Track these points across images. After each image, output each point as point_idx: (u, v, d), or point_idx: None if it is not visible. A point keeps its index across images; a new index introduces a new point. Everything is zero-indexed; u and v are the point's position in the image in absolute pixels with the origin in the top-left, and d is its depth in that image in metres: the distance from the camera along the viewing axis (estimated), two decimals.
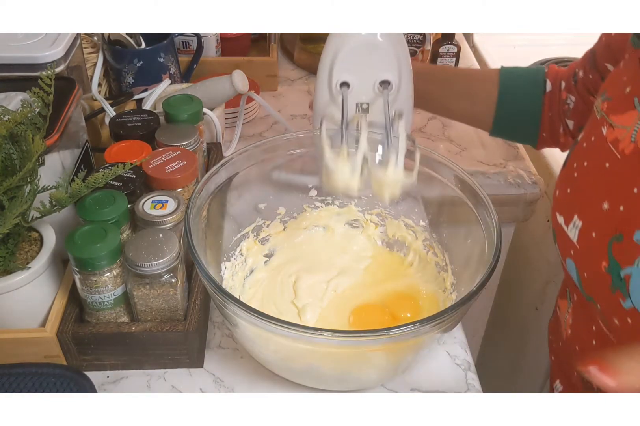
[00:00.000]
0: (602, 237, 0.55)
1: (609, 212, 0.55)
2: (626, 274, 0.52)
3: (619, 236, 0.53)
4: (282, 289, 0.74)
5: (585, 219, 0.58)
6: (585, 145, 0.61)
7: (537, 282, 1.17)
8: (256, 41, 1.27)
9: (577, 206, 0.60)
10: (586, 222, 0.58)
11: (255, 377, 0.69)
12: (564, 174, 0.64)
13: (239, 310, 0.55)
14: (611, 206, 0.54)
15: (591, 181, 0.59)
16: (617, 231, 0.53)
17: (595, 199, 0.56)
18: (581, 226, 0.58)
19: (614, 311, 0.54)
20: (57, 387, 0.61)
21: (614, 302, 0.53)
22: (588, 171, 0.60)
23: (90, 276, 0.63)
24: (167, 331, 0.65)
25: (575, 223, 0.59)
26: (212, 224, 0.70)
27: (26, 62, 0.73)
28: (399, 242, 0.78)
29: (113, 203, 0.66)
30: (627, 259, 0.52)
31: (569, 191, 0.62)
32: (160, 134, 0.78)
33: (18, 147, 0.63)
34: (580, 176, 0.61)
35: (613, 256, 0.53)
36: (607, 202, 0.55)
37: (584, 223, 0.58)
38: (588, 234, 0.57)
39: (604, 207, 0.55)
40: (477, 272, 0.62)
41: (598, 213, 0.56)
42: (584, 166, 0.60)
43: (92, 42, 1.02)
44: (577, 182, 0.61)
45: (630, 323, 0.53)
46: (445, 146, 1.08)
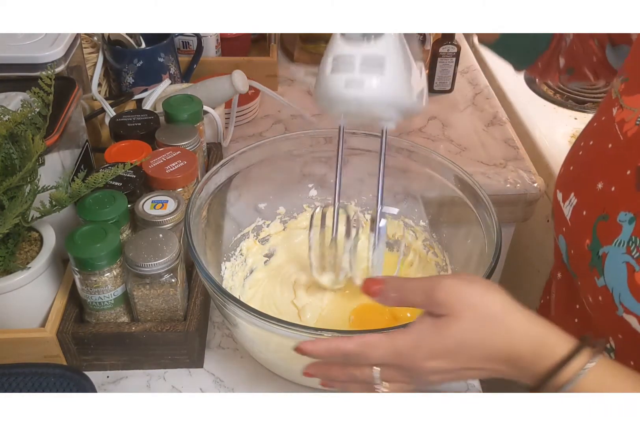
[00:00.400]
0: (591, 215, 0.56)
1: (601, 192, 0.55)
2: (604, 252, 0.53)
3: (605, 215, 0.54)
4: (282, 289, 0.74)
5: (580, 197, 0.59)
6: (595, 124, 0.61)
7: (537, 282, 1.17)
8: (256, 41, 1.27)
9: (576, 184, 0.60)
10: (580, 200, 0.58)
11: (255, 377, 0.69)
12: (571, 152, 0.65)
13: (239, 310, 0.55)
14: (604, 186, 0.55)
15: (592, 160, 0.59)
16: (604, 211, 0.54)
17: (592, 178, 0.57)
18: (575, 203, 0.59)
19: (589, 288, 0.56)
20: (57, 387, 0.61)
21: (591, 279, 0.54)
22: (591, 150, 0.60)
23: (90, 276, 0.63)
24: (167, 331, 0.65)
25: (571, 200, 0.59)
26: (212, 224, 0.70)
27: (26, 62, 0.73)
28: (399, 242, 0.78)
29: (113, 203, 0.65)
30: (607, 238, 0.53)
31: (571, 169, 0.62)
32: (160, 134, 0.78)
33: (18, 147, 0.63)
34: (584, 154, 0.61)
35: (596, 234, 0.54)
36: (602, 182, 0.55)
37: (578, 201, 0.58)
38: (580, 212, 0.58)
39: (598, 187, 0.55)
40: (477, 272, 0.62)
41: (592, 191, 0.56)
42: (590, 145, 0.61)
43: (92, 42, 1.02)
44: (580, 160, 0.61)
45: (601, 301, 0.54)
46: (445, 146, 1.08)
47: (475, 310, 0.48)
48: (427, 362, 0.49)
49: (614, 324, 0.53)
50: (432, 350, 0.49)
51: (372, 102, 0.55)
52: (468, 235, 0.69)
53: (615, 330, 0.55)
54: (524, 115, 1.21)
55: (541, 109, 1.24)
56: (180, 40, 1.14)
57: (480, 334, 0.48)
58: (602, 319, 0.56)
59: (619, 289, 0.51)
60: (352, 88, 0.54)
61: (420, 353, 0.49)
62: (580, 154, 0.62)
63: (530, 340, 0.48)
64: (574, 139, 1.14)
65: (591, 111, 1.22)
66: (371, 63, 0.54)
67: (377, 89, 0.54)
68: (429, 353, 0.49)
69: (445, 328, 0.48)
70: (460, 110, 1.17)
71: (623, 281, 0.51)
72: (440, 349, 0.49)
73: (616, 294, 0.52)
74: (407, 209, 0.78)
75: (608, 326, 0.56)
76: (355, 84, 0.54)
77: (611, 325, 0.54)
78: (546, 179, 1.06)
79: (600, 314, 0.56)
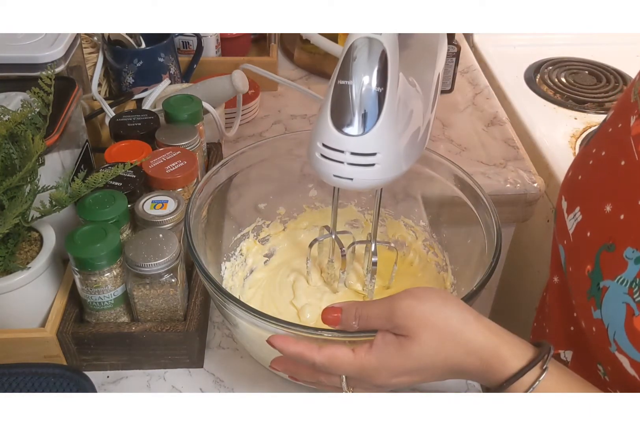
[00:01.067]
0: (595, 240, 0.53)
1: (609, 216, 0.52)
2: (604, 286, 0.50)
3: (610, 245, 0.50)
4: (282, 289, 0.74)
5: (585, 215, 0.55)
6: (610, 130, 0.56)
7: (537, 282, 1.17)
8: (256, 41, 1.27)
9: (582, 198, 0.57)
10: (585, 218, 0.55)
11: (255, 377, 0.69)
12: (581, 156, 0.60)
13: (239, 310, 0.55)
14: (613, 211, 0.51)
15: (602, 175, 0.55)
16: (610, 240, 0.50)
17: (600, 198, 0.53)
18: (580, 220, 0.56)
19: (584, 314, 0.53)
20: (57, 387, 0.61)
21: (587, 308, 0.52)
22: (602, 163, 0.56)
23: (90, 276, 0.63)
24: (167, 331, 0.65)
25: (576, 214, 0.56)
26: (212, 224, 0.70)
27: (26, 62, 0.73)
28: (399, 242, 0.78)
29: (113, 203, 0.65)
30: (610, 272, 0.50)
31: (579, 178, 0.59)
32: (160, 134, 0.78)
33: (18, 147, 0.63)
34: (595, 165, 0.57)
35: (599, 263, 0.51)
36: (610, 205, 0.52)
37: (583, 218, 0.55)
38: (583, 232, 0.55)
39: (606, 210, 0.52)
40: (477, 272, 0.62)
41: (599, 213, 0.53)
42: (601, 155, 0.56)
43: (92, 42, 1.02)
44: (589, 171, 0.57)
45: (594, 332, 0.52)
46: (445, 146, 1.08)
47: (433, 328, 0.49)
48: (390, 379, 0.51)
49: (605, 356, 0.52)
50: (395, 370, 0.50)
51: (363, 188, 0.54)
52: (468, 235, 0.69)
53: (606, 361, 0.53)
54: (524, 115, 1.21)
55: (541, 109, 1.24)
56: (180, 40, 1.14)
57: (441, 353, 0.49)
58: (594, 346, 0.54)
59: (614, 328, 0.49)
60: (342, 179, 0.53)
61: (384, 372, 0.50)
62: (590, 164, 0.57)
63: (483, 352, 0.49)
64: (574, 139, 1.15)
65: (591, 111, 1.22)
66: (361, 159, 0.51)
67: (367, 181, 0.53)
68: (392, 372, 0.50)
69: (406, 349, 0.49)
70: (460, 110, 1.17)
71: (620, 322, 0.49)
72: (403, 370, 0.50)
73: (611, 331, 0.50)
74: (407, 209, 0.78)
75: (600, 355, 0.54)
76: (344, 176, 0.52)
77: (603, 356, 0.53)
78: (546, 179, 1.06)
79: (593, 343, 0.54)
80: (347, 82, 0.50)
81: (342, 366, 0.51)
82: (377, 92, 0.50)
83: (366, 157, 0.51)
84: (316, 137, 0.52)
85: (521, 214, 1.05)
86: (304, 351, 0.51)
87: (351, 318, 0.52)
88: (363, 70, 0.50)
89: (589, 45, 1.40)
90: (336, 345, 0.52)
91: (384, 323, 0.50)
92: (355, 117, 0.50)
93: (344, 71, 0.50)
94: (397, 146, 0.53)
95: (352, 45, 0.50)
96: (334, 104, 0.50)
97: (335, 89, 0.50)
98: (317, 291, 0.73)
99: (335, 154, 0.51)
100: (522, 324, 1.29)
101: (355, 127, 0.50)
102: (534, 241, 1.20)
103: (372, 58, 0.50)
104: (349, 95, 0.50)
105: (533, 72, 1.33)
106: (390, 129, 0.51)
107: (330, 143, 0.51)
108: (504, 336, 0.50)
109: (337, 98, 0.50)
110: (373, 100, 0.50)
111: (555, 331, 0.55)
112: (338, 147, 0.51)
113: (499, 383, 0.49)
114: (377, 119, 0.50)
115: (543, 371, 0.48)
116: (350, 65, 0.50)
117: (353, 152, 0.51)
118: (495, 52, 1.40)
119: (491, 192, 0.96)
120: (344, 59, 0.50)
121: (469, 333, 0.49)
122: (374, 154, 0.51)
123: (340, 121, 0.50)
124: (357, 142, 0.50)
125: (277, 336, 0.53)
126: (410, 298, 0.51)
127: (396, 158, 0.53)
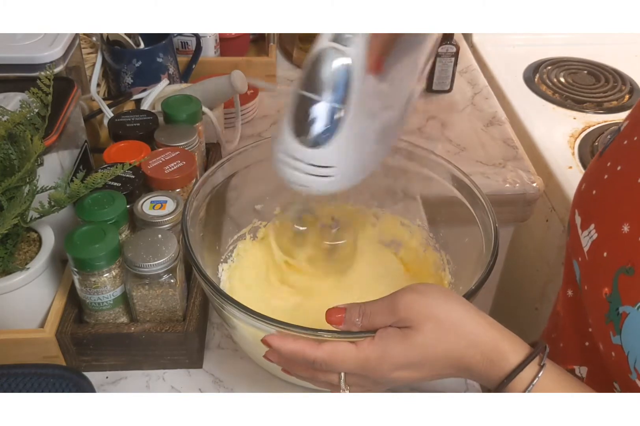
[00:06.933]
0: (613, 261, 0.50)
1: (627, 236, 0.49)
2: (624, 311, 0.48)
3: (629, 268, 0.48)
4: (281, 290, 0.74)
5: (601, 234, 0.53)
6: (625, 142, 0.54)
7: (536, 282, 1.17)
8: (255, 41, 1.27)
9: (597, 216, 0.54)
10: (601, 237, 0.53)
11: (255, 377, 0.69)
12: (595, 169, 0.57)
13: (237, 312, 0.55)
14: (631, 231, 0.49)
15: (619, 192, 0.52)
16: (629, 263, 0.48)
17: (617, 216, 0.51)
18: (595, 238, 0.53)
19: (602, 338, 0.51)
20: (56, 388, 0.61)
21: (605, 331, 0.50)
22: (618, 179, 0.53)
23: (89, 277, 0.63)
24: (166, 331, 0.65)
25: (591, 232, 0.54)
26: (210, 225, 0.70)
27: (25, 62, 0.73)
28: (397, 241, 0.78)
29: (112, 204, 0.65)
30: (630, 298, 0.47)
31: (594, 193, 0.56)
32: (159, 134, 0.78)
33: (17, 148, 0.63)
34: (610, 180, 0.54)
35: (618, 288, 0.49)
36: (628, 225, 0.49)
37: (599, 237, 0.53)
38: (600, 251, 0.52)
39: (624, 230, 0.49)
40: (475, 271, 0.62)
41: (616, 233, 0.50)
42: (617, 170, 0.53)
43: (91, 43, 1.02)
44: (605, 187, 0.55)
45: (613, 357, 0.50)
46: (444, 146, 1.08)
47: (435, 320, 0.49)
48: (392, 373, 0.51)
49: (624, 381, 0.50)
50: (397, 362, 0.50)
51: (320, 194, 0.54)
52: (466, 235, 0.69)
53: (625, 386, 0.51)
54: (523, 115, 1.21)
55: (540, 108, 1.24)
56: (179, 40, 1.14)
57: (443, 345, 0.49)
58: (613, 370, 0.52)
59: (635, 355, 0.47)
60: (301, 187, 0.52)
61: (386, 365, 0.50)
62: (606, 179, 0.54)
63: (484, 345, 0.49)
64: (573, 139, 1.15)
65: (590, 111, 1.22)
66: (317, 170, 0.50)
67: (326, 189, 0.52)
68: (395, 364, 0.50)
69: (409, 339, 0.50)
70: (459, 110, 1.17)
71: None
72: (405, 362, 0.50)
73: (632, 359, 0.47)
74: (405, 208, 0.78)
75: (619, 379, 0.52)
76: (301, 183, 0.52)
77: (622, 381, 0.51)
78: (545, 179, 1.06)
79: (612, 367, 0.52)
80: (307, 93, 0.48)
81: (344, 360, 0.51)
82: (337, 108, 0.48)
83: (322, 169, 0.50)
84: (275, 142, 0.51)
85: (520, 214, 1.05)
86: (303, 347, 0.51)
87: (355, 316, 0.52)
88: (325, 84, 0.47)
89: (588, 45, 1.40)
90: (336, 341, 0.51)
91: (387, 318, 0.51)
92: (312, 130, 0.48)
93: (307, 81, 0.48)
94: (355, 159, 0.52)
95: (318, 55, 0.48)
96: (294, 112, 0.49)
97: (296, 97, 0.49)
98: (315, 292, 0.73)
99: (292, 161, 0.50)
100: (521, 324, 1.29)
101: (311, 140, 0.49)
102: (533, 241, 1.20)
103: (336, 73, 0.47)
104: (307, 107, 0.48)
105: (532, 72, 1.33)
106: (348, 144, 0.50)
107: (287, 150, 0.50)
108: (504, 331, 0.50)
109: (296, 107, 0.49)
110: (331, 116, 0.48)
111: (570, 345, 0.55)
112: (294, 155, 0.50)
113: (498, 377, 0.49)
114: (333, 134, 0.48)
115: (541, 368, 0.48)
116: (312, 77, 0.48)
117: (309, 163, 0.50)
118: (495, 52, 1.40)
119: (490, 192, 0.96)
120: (308, 68, 0.48)
121: (470, 326, 0.50)
122: (330, 167, 0.50)
123: (298, 130, 0.49)
124: (313, 154, 0.49)
125: (273, 335, 0.53)
126: (413, 292, 0.51)
127: (354, 170, 0.53)
